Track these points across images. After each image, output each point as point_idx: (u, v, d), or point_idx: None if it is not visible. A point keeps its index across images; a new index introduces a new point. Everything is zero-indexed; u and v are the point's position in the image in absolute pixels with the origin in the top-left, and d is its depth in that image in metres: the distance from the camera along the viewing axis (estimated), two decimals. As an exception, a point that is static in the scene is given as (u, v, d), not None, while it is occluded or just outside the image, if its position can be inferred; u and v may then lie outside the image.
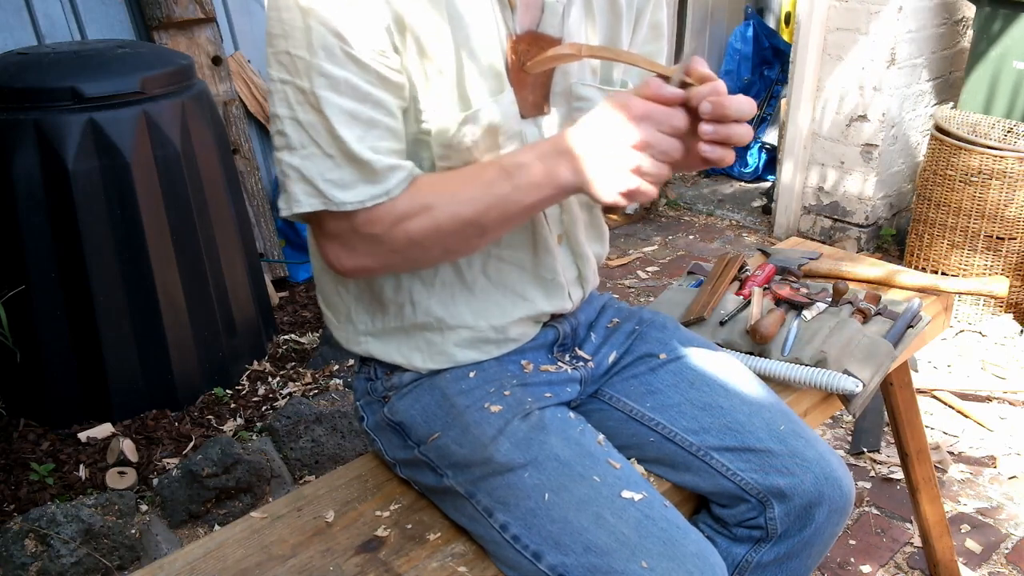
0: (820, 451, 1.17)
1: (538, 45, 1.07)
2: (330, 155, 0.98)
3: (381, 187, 1.00)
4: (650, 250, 3.82)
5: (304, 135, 0.99)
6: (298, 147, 0.99)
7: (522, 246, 1.15)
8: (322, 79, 0.96)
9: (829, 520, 1.17)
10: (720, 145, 0.95)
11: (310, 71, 0.96)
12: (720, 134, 0.94)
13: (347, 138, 0.97)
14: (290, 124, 0.99)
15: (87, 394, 2.31)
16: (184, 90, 2.35)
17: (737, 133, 0.94)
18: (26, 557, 1.76)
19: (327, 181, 0.99)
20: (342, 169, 0.99)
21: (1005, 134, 3.11)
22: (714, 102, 0.93)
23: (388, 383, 1.20)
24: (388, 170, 1.00)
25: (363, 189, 0.99)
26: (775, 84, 4.50)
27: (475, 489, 1.10)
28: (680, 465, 1.20)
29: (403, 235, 1.02)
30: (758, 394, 1.22)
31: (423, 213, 1.01)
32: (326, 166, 0.99)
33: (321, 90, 0.96)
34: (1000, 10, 3.16)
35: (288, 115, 0.99)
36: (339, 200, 0.99)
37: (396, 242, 1.03)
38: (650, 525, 1.01)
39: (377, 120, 0.99)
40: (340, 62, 0.96)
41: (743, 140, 0.95)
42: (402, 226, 1.01)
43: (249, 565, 1.09)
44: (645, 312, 1.34)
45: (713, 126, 0.94)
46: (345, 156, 0.98)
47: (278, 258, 3.17)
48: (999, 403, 2.69)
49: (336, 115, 0.97)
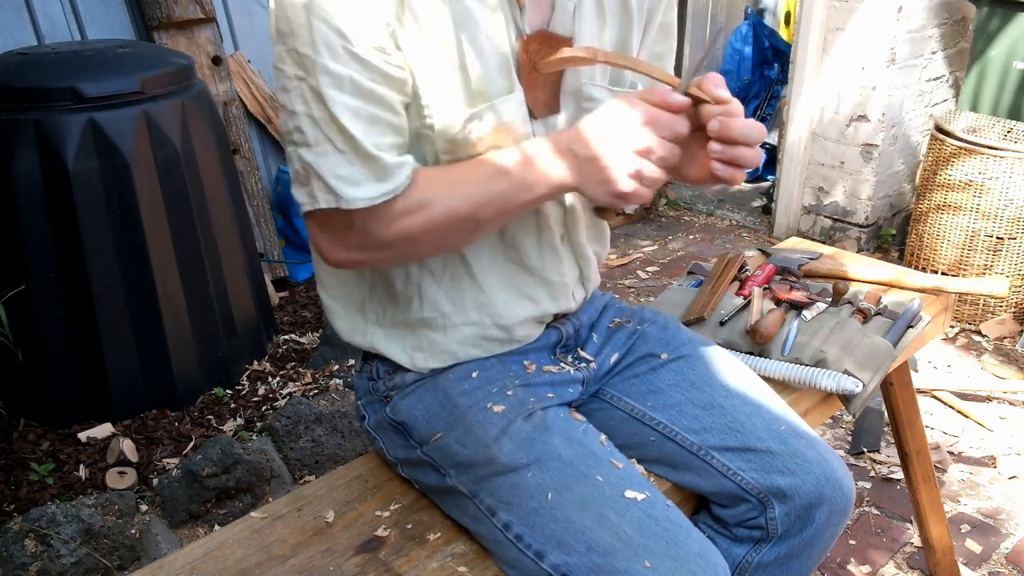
0: (821, 452, 1.17)
1: (549, 44, 1.06)
2: (342, 151, 0.99)
3: (391, 184, 1.00)
4: (650, 250, 3.82)
5: (318, 132, 0.99)
6: (312, 144, 1.00)
7: (529, 248, 1.15)
8: (327, 77, 0.97)
9: (830, 521, 1.17)
10: (730, 164, 0.98)
11: (315, 69, 0.97)
12: (727, 154, 0.97)
13: (356, 134, 0.98)
14: (306, 121, 1.00)
15: (87, 394, 2.31)
16: (184, 90, 2.35)
17: (744, 155, 0.97)
18: (26, 557, 1.76)
19: (338, 178, 0.99)
20: (353, 166, 0.99)
21: (1005, 134, 3.11)
22: (722, 122, 0.96)
23: (390, 383, 1.20)
24: (396, 167, 1.00)
25: (372, 187, 1.00)
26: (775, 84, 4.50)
27: (478, 489, 1.10)
28: (681, 465, 1.20)
29: (399, 231, 1.03)
30: (759, 394, 1.22)
31: (420, 210, 1.02)
32: (338, 162, 0.99)
33: (326, 87, 0.97)
34: (999, 10, 3.16)
35: (304, 112, 0.99)
36: (351, 197, 0.99)
37: (392, 237, 1.03)
38: (653, 525, 1.02)
39: (379, 116, 0.99)
40: (342, 60, 0.96)
41: (751, 163, 0.98)
42: (399, 222, 1.02)
43: (249, 565, 1.09)
44: (646, 312, 1.34)
45: (721, 145, 0.97)
46: (357, 153, 0.99)
47: (278, 258, 3.17)
48: (999, 403, 2.69)
49: (342, 112, 0.97)
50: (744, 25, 4.60)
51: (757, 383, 1.25)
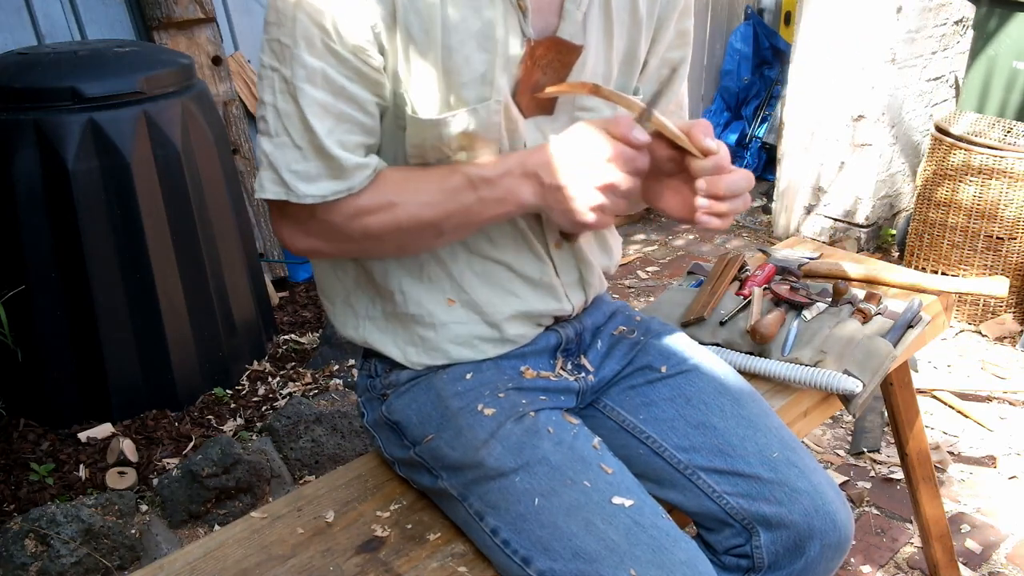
0: (814, 483, 1.13)
1: (557, 50, 1.06)
2: (299, 147, 1.00)
3: (344, 183, 1.02)
4: (650, 250, 3.82)
5: (280, 123, 1.01)
6: (273, 134, 1.02)
7: (503, 246, 1.14)
8: (301, 70, 0.98)
9: (823, 555, 1.13)
10: (716, 215, 1.01)
11: (292, 61, 0.98)
12: (714, 208, 1.00)
13: (318, 130, 0.99)
14: (271, 111, 1.02)
15: (87, 394, 2.31)
16: (184, 90, 2.35)
17: (730, 208, 1.01)
18: (26, 557, 1.76)
19: (292, 172, 1.01)
20: (309, 162, 1.01)
21: (1005, 134, 3.11)
22: (709, 181, 0.99)
23: (387, 380, 1.20)
24: (355, 168, 1.02)
25: (326, 184, 1.01)
26: (775, 84, 4.50)
27: (467, 492, 1.10)
28: (666, 481, 1.18)
29: (361, 227, 1.05)
30: (758, 418, 1.18)
31: (384, 210, 1.04)
32: (294, 157, 1.01)
33: (299, 81, 0.98)
34: (999, 10, 3.17)
35: (271, 102, 1.01)
36: (301, 192, 1.01)
37: (353, 232, 1.05)
38: (640, 532, 1.00)
39: (349, 115, 1.00)
40: (319, 53, 0.97)
41: (738, 212, 1.02)
42: (362, 219, 1.04)
43: (249, 565, 1.09)
44: (655, 323, 1.31)
45: (708, 200, 1.00)
46: (314, 149, 1.00)
47: (278, 258, 3.17)
48: (999, 403, 2.69)
49: (310, 106, 0.98)
50: (744, 25, 4.60)
51: (759, 406, 1.20)
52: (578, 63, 1.08)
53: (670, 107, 1.27)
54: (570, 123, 1.11)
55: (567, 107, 1.12)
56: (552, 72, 1.07)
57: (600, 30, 1.10)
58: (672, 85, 1.24)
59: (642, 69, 1.19)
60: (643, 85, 1.21)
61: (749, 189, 1.01)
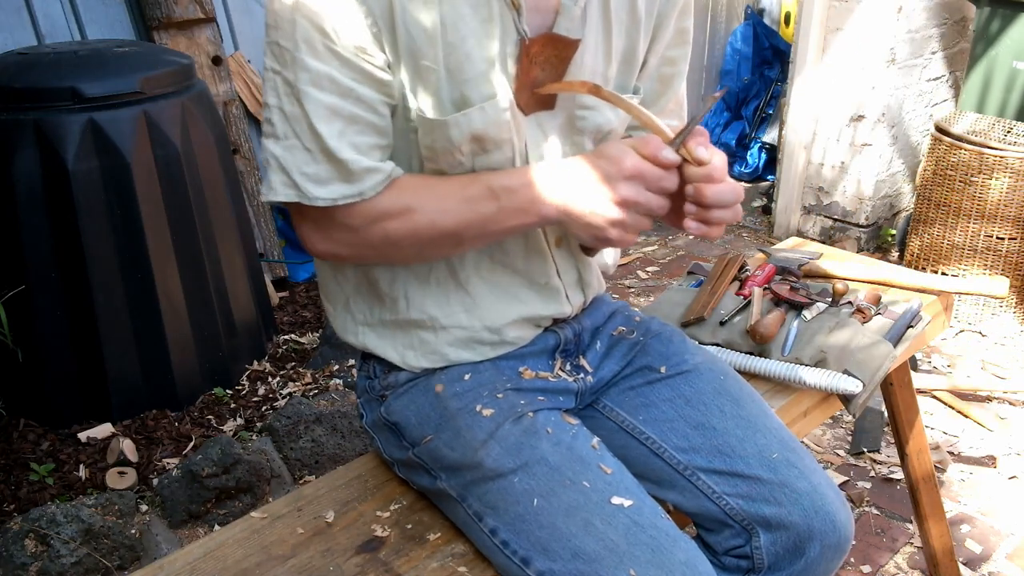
0: (814, 483, 1.13)
1: (553, 46, 1.05)
2: (309, 149, 1.00)
3: (355, 187, 1.01)
4: (650, 250, 3.82)
5: (287, 126, 1.00)
6: (281, 137, 1.01)
7: (514, 251, 1.14)
8: (305, 74, 0.97)
9: (823, 556, 1.13)
10: (704, 223, 1.01)
11: (295, 64, 0.97)
12: (700, 216, 1.00)
13: (325, 134, 0.99)
14: (277, 113, 1.01)
15: (87, 394, 2.31)
16: (184, 90, 2.35)
17: (718, 217, 1.00)
18: (26, 557, 1.76)
19: (303, 175, 1.01)
20: (319, 165, 1.00)
21: (1005, 134, 3.11)
22: (696, 188, 0.99)
23: (385, 381, 1.20)
24: (364, 172, 1.01)
25: (337, 187, 1.01)
26: (775, 84, 4.50)
27: (466, 493, 1.09)
28: (665, 482, 1.17)
29: (380, 232, 1.04)
30: (758, 418, 1.18)
31: (404, 215, 1.03)
32: (304, 159, 1.00)
33: (303, 84, 0.98)
34: (1000, 10, 3.17)
35: (276, 104, 1.01)
36: (312, 195, 1.01)
37: (372, 238, 1.05)
38: (639, 532, 1.00)
39: (359, 116, 1.00)
40: (322, 57, 0.97)
41: (726, 222, 1.01)
42: (381, 224, 1.04)
43: (249, 565, 1.09)
44: (655, 323, 1.30)
45: (695, 208, 1.00)
46: (323, 152, 1.00)
47: (278, 258, 3.16)
48: (999, 403, 2.69)
49: (316, 110, 0.98)
50: (744, 25, 4.60)
51: (759, 407, 1.20)
52: (576, 61, 1.08)
53: (670, 106, 1.27)
54: (570, 118, 1.11)
55: (567, 102, 1.12)
56: (550, 68, 1.07)
57: (599, 28, 1.10)
58: (672, 84, 1.24)
59: (641, 67, 1.19)
60: (643, 84, 1.21)
61: (738, 202, 1.01)
